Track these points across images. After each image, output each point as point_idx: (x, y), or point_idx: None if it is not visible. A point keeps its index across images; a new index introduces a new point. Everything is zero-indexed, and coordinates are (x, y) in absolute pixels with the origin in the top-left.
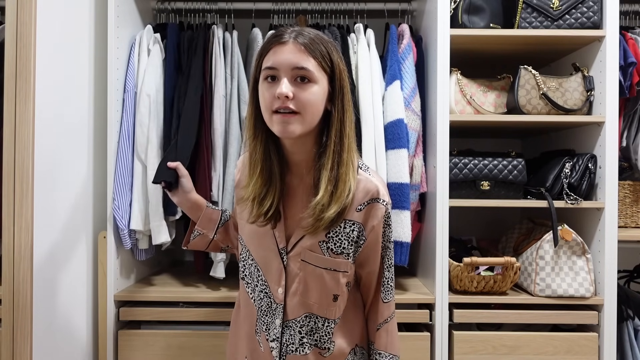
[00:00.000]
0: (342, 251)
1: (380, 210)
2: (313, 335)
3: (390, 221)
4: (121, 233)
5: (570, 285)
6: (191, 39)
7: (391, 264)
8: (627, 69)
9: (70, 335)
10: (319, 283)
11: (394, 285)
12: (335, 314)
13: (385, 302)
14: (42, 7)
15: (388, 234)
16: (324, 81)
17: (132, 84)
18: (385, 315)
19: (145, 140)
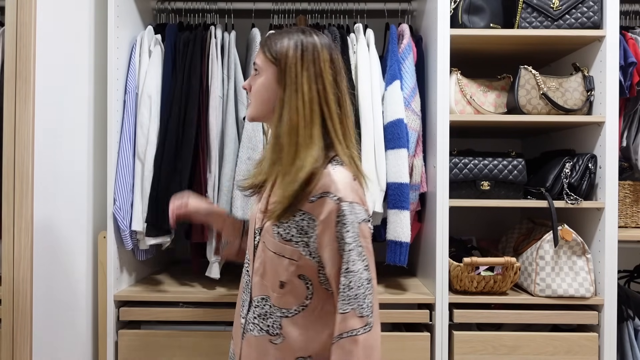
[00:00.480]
0: (291, 238)
1: (329, 205)
2: (266, 319)
3: (345, 221)
4: (122, 234)
5: (570, 285)
6: (187, 40)
7: (349, 269)
8: (627, 68)
9: (71, 335)
10: (271, 266)
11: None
12: (284, 304)
13: (341, 314)
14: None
15: (344, 235)
16: (269, 72)
17: (133, 85)
18: (341, 328)
19: (145, 142)
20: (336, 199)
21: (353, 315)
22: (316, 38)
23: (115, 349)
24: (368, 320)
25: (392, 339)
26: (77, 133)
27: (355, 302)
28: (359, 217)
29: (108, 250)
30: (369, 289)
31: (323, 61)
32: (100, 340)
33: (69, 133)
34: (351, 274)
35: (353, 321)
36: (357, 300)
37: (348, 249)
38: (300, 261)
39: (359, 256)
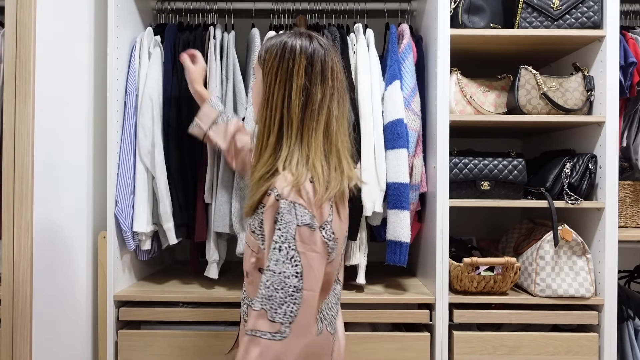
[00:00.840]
0: (254, 230)
1: (270, 200)
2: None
3: (279, 217)
4: (124, 235)
5: (570, 286)
6: (187, 41)
7: (269, 267)
8: (627, 68)
9: (70, 335)
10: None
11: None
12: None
13: (252, 310)
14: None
15: (275, 231)
16: (258, 76)
17: (133, 87)
18: (249, 324)
19: (149, 144)
20: (276, 195)
21: (263, 315)
22: (299, 42)
23: (115, 349)
24: (280, 329)
25: (392, 339)
26: (77, 133)
27: (268, 303)
28: (300, 220)
29: (108, 250)
30: (293, 297)
31: (298, 66)
32: (100, 340)
33: (69, 133)
34: (269, 273)
35: (261, 322)
36: (271, 302)
37: (273, 246)
38: (259, 254)
39: (288, 259)
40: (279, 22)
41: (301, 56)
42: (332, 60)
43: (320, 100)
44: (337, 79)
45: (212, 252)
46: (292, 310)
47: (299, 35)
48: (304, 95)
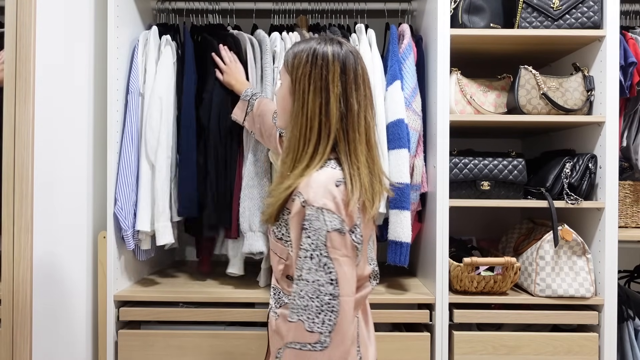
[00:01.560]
0: (282, 237)
1: (296, 205)
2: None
3: (307, 225)
4: (124, 234)
5: (570, 286)
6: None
7: (302, 277)
8: (627, 68)
9: (70, 335)
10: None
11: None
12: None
13: (289, 322)
14: (41, 7)
15: (303, 239)
16: (285, 82)
17: (137, 85)
18: (287, 337)
19: (156, 143)
20: (302, 201)
21: (301, 327)
22: (330, 48)
23: (115, 349)
24: (320, 338)
25: (392, 339)
26: (77, 133)
27: (304, 314)
28: (329, 225)
29: (108, 250)
30: (330, 305)
31: (332, 73)
32: (100, 340)
33: (69, 133)
34: (303, 282)
35: (300, 334)
36: (307, 312)
37: (304, 255)
38: (288, 261)
39: (321, 267)
40: (280, 22)
41: (334, 63)
42: (362, 67)
43: (358, 111)
44: (369, 87)
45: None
46: (330, 318)
47: (329, 41)
48: (342, 104)
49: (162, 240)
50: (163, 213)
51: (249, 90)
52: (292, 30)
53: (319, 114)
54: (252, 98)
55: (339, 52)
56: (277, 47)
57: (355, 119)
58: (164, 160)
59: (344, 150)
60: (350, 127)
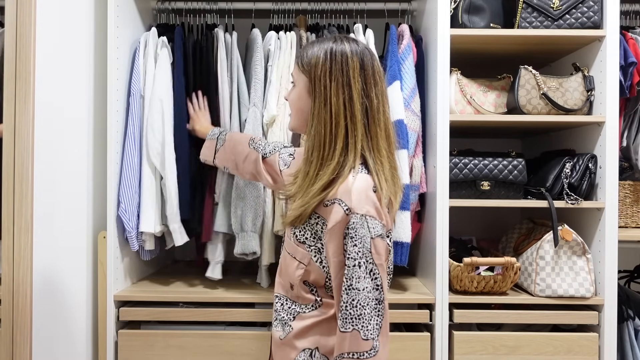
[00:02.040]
0: (304, 241)
1: (337, 213)
2: (280, 314)
3: (353, 234)
4: (128, 235)
5: (570, 286)
6: (196, 43)
7: (353, 286)
8: (627, 68)
9: (70, 335)
10: (285, 266)
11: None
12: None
13: (342, 332)
14: (41, 7)
15: (350, 248)
16: (301, 82)
17: (138, 87)
18: (341, 348)
19: (158, 145)
20: (346, 209)
21: (356, 336)
22: (347, 45)
23: (115, 349)
24: (374, 344)
25: (392, 339)
26: (77, 133)
27: (358, 323)
28: (373, 232)
29: (108, 250)
30: (378, 310)
31: (352, 69)
32: (100, 340)
33: (69, 133)
34: (354, 292)
35: (356, 343)
36: (361, 320)
37: (353, 264)
38: (309, 266)
39: (368, 274)
40: (279, 22)
41: (353, 59)
42: (377, 64)
43: (377, 104)
44: (383, 82)
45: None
46: (378, 323)
47: (344, 39)
48: (365, 99)
49: (180, 240)
50: (178, 214)
51: (215, 130)
52: (291, 30)
53: (343, 109)
54: (221, 134)
55: (356, 49)
56: (272, 45)
57: (375, 113)
58: (172, 161)
59: (367, 146)
60: (372, 121)
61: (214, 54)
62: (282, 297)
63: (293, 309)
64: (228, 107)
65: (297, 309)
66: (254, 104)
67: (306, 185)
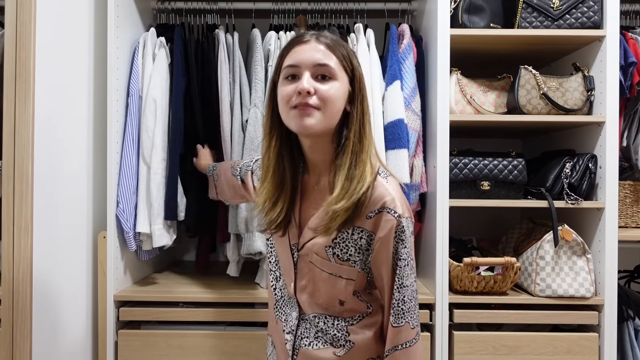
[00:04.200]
0: (349, 258)
1: (389, 221)
2: (327, 333)
3: (404, 237)
4: (126, 235)
5: (570, 286)
6: (196, 44)
7: (403, 284)
8: (627, 68)
9: (70, 335)
10: (326, 286)
11: (411, 310)
12: (347, 314)
13: (395, 327)
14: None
15: (400, 250)
16: (345, 80)
17: (137, 88)
18: (395, 341)
19: (150, 145)
20: (397, 216)
21: (407, 327)
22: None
23: (115, 349)
24: (417, 330)
25: None
26: (77, 133)
27: (408, 315)
28: (410, 231)
29: (108, 250)
30: (417, 300)
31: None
32: (100, 340)
33: (69, 133)
34: (404, 289)
35: (407, 333)
36: (410, 313)
37: (403, 264)
38: (357, 279)
39: (412, 270)
40: (279, 22)
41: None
42: None
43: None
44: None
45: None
46: (417, 311)
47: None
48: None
49: (159, 242)
50: (159, 215)
51: (209, 166)
52: (291, 30)
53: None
54: (214, 170)
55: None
56: (272, 45)
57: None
58: (159, 162)
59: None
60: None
61: (215, 55)
62: (321, 315)
63: (341, 325)
64: (227, 109)
65: (343, 324)
66: (254, 104)
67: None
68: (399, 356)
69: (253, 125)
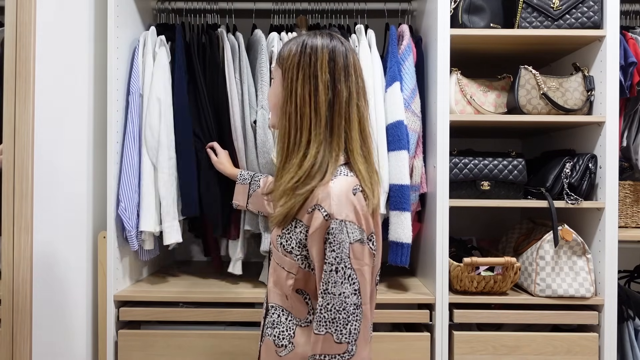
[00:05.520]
0: (291, 250)
1: (317, 219)
2: (276, 328)
3: (332, 239)
4: (128, 234)
5: (570, 286)
6: (199, 44)
7: (328, 290)
8: (627, 68)
9: (70, 335)
10: (277, 276)
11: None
12: (297, 313)
13: (315, 334)
14: (41, 7)
15: (328, 253)
16: (277, 77)
17: (137, 86)
18: (314, 349)
19: (156, 144)
20: (325, 215)
21: (329, 339)
22: (320, 39)
23: (115, 349)
24: (348, 348)
25: (392, 339)
26: (77, 133)
27: (332, 326)
28: (352, 237)
29: (108, 250)
30: (355, 315)
31: (320, 60)
32: (100, 340)
33: (69, 133)
34: (329, 296)
35: (328, 345)
36: (335, 324)
37: (329, 269)
38: (299, 274)
39: (346, 279)
40: (279, 22)
41: (322, 51)
42: (354, 58)
43: (347, 98)
44: (361, 77)
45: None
46: (355, 328)
47: (318, 34)
48: (330, 91)
49: (170, 239)
50: (168, 213)
51: (244, 173)
52: (292, 30)
53: (309, 101)
54: (255, 178)
55: (327, 42)
56: (275, 47)
57: (344, 105)
58: (166, 160)
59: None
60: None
61: (221, 54)
62: (277, 307)
63: (292, 322)
64: (239, 109)
65: (294, 322)
66: (261, 106)
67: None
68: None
69: (262, 128)
